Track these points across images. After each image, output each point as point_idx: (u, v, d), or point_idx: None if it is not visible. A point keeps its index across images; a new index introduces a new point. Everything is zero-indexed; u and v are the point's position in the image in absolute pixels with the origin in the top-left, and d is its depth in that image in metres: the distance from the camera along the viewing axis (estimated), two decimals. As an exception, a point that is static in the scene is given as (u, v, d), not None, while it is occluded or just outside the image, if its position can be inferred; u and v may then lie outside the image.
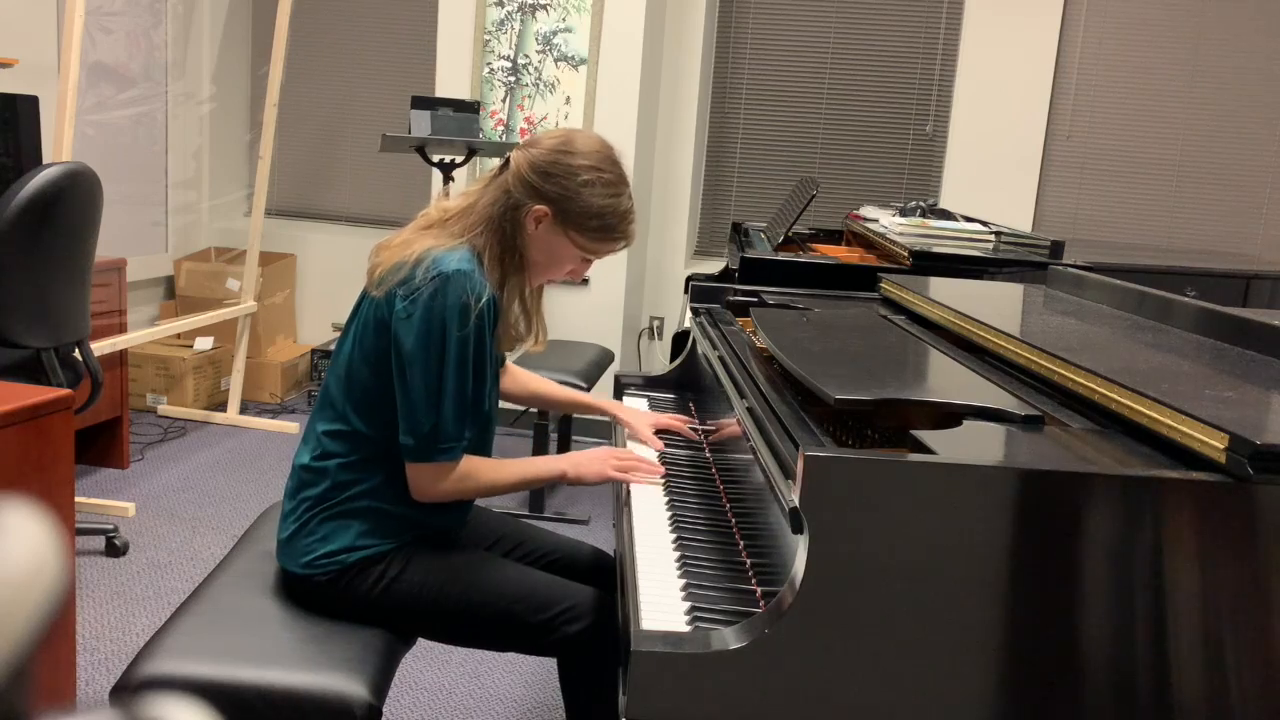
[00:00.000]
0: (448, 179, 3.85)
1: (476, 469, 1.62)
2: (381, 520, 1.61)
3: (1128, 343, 1.58)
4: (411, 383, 1.53)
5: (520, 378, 2.02)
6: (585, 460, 1.71)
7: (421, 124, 3.76)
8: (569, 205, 1.60)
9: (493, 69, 4.40)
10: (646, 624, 1.22)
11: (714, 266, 4.42)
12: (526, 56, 4.36)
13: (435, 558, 1.62)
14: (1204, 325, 1.68)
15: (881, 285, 2.27)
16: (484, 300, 1.54)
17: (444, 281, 1.51)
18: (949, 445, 1.16)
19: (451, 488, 1.60)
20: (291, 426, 4.39)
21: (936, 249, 2.76)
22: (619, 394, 2.28)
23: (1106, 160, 4.46)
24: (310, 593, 1.62)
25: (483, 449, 1.71)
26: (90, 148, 4.13)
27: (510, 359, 2.01)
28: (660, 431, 1.95)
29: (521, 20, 4.35)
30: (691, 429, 1.98)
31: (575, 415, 4.33)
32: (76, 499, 3.29)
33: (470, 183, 1.70)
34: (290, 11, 4.37)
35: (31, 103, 3.30)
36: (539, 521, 3.56)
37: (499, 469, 1.65)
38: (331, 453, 1.62)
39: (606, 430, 4.52)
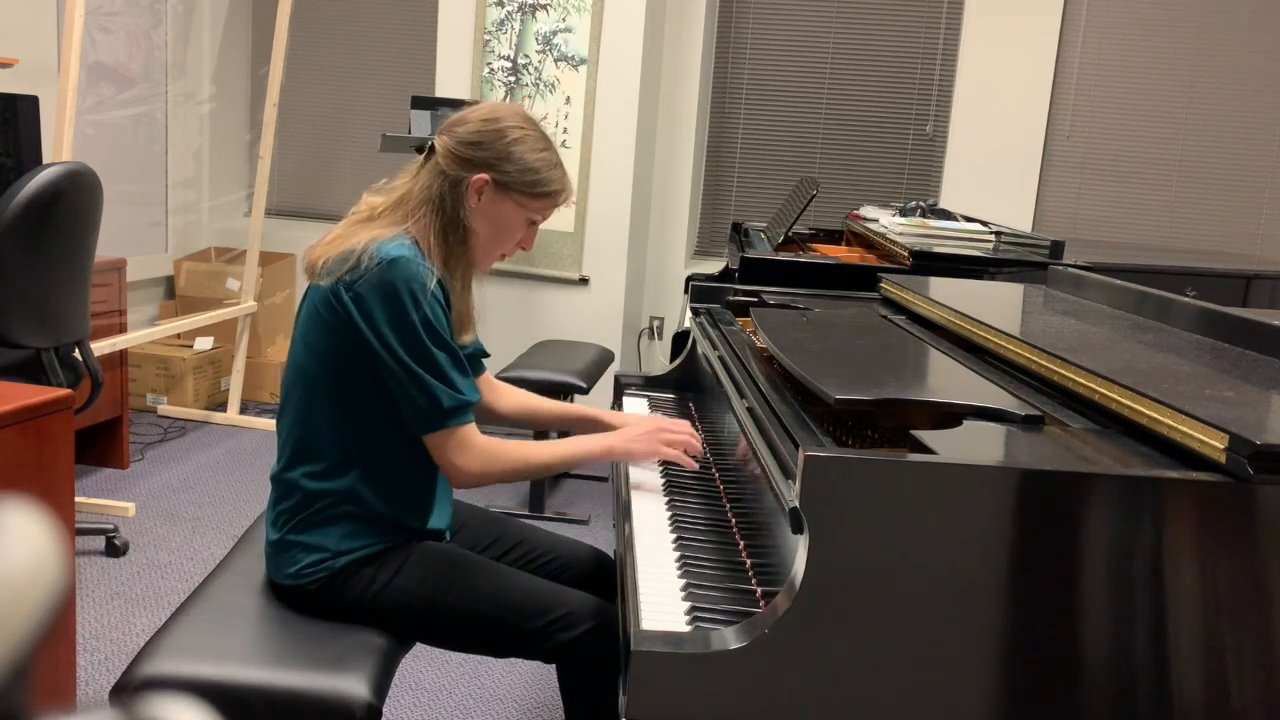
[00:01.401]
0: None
1: (507, 445, 1.62)
2: (361, 524, 1.60)
3: (1128, 343, 1.58)
4: (393, 364, 1.52)
5: (510, 395, 1.95)
6: (635, 437, 1.69)
7: (421, 124, 3.76)
8: (506, 166, 1.61)
9: (493, 69, 4.41)
10: (646, 624, 1.22)
11: (714, 266, 4.42)
12: (526, 56, 4.37)
13: (427, 563, 1.61)
14: (1204, 325, 1.68)
15: (881, 285, 2.27)
16: (433, 282, 1.55)
17: (389, 265, 1.51)
18: (949, 445, 1.16)
19: (482, 462, 1.58)
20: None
21: (936, 249, 2.76)
22: (619, 394, 2.28)
23: (1106, 160, 4.47)
24: (303, 602, 1.61)
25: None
26: (90, 148, 4.13)
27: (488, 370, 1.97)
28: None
29: (521, 20, 4.35)
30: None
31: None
32: (76, 499, 3.29)
33: (397, 176, 1.69)
34: (290, 11, 4.37)
35: (31, 103, 3.30)
36: (539, 521, 3.56)
37: (536, 447, 1.65)
38: (297, 463, 1.60)
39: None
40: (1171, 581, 1.10)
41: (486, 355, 1.88)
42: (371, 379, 1.56)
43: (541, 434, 3.66)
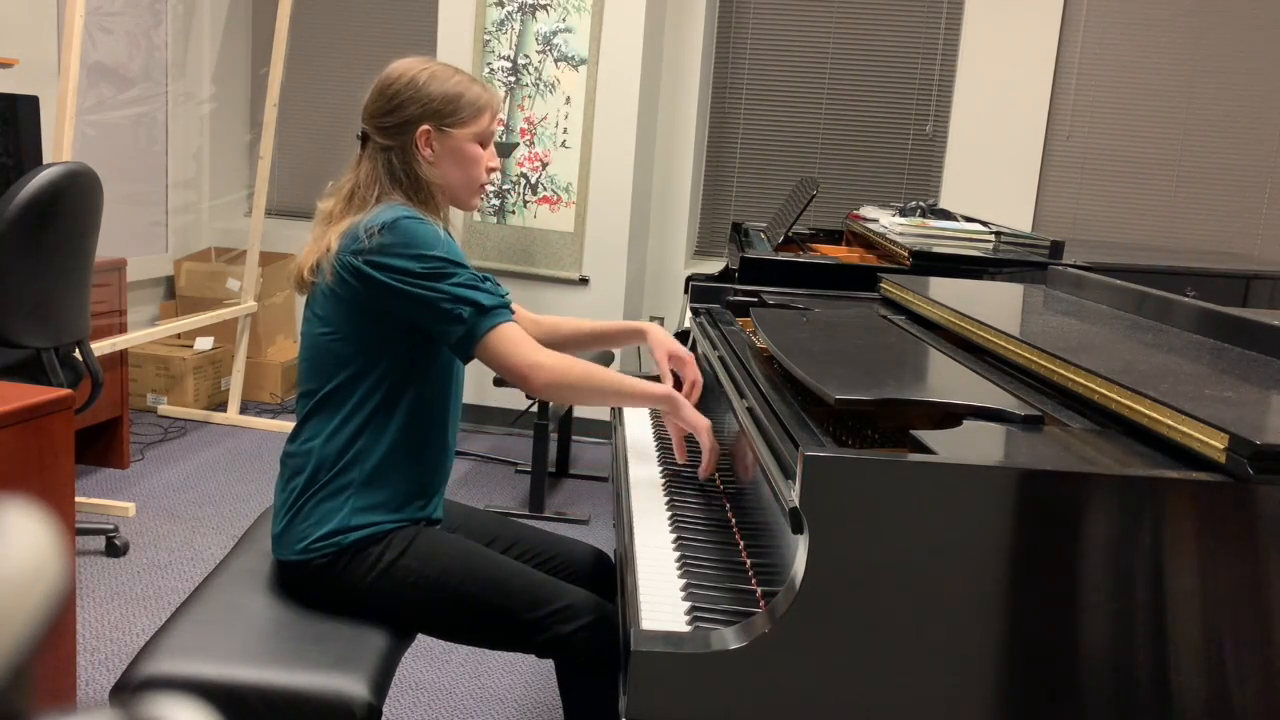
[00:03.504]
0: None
1: (574, 359, 1.62)
2: (372, 493, 1.62)
3: (1128, 343, 1.58)
4: (425, 293, 1.54)
5: (545, 324, 1.97)
6: (689, 405, 1.68)
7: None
8: (432, 106, 1.66)
9: (493, 69, 4.40)
10: (646, 624, 1.22)
11: (714, 266, 4.42)
12: (526, 56, 4.36)
13: (433, 547, 1.62)
14: (1204, 325, 1.68)
15: (881, 285, 2.27)
16: (441, 232, 1.61)
17: (391, 224, 1.56)
18: (949, 445, 1.16)
19: (547, 356, 1.57)
20: (291, 427, 4.40)
21: (936, 249, 2.76)
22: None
23: (1106, 160, 4.46)
24: (308, 581, 1.61)
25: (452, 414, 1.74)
26: (90, 148, 4.13)
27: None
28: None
29: (521, 20, 4.35)
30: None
31: (608, 349, 4.31)
32: (76, 499, 3.29)
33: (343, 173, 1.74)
34: (290, 11, 4.37)
35: (31, 103, 3.30)
36: (538, 521, 3.56)
37: (601, 369, 1.65)
38: (312, 434, 1.63)
39: (606, 430, 4.51)
40: (1171, 582, 1.10)
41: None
42: (384, 346, 1.60)
43: (543, 415, 3.66)
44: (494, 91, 1.73)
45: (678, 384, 1.85)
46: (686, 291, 2.60)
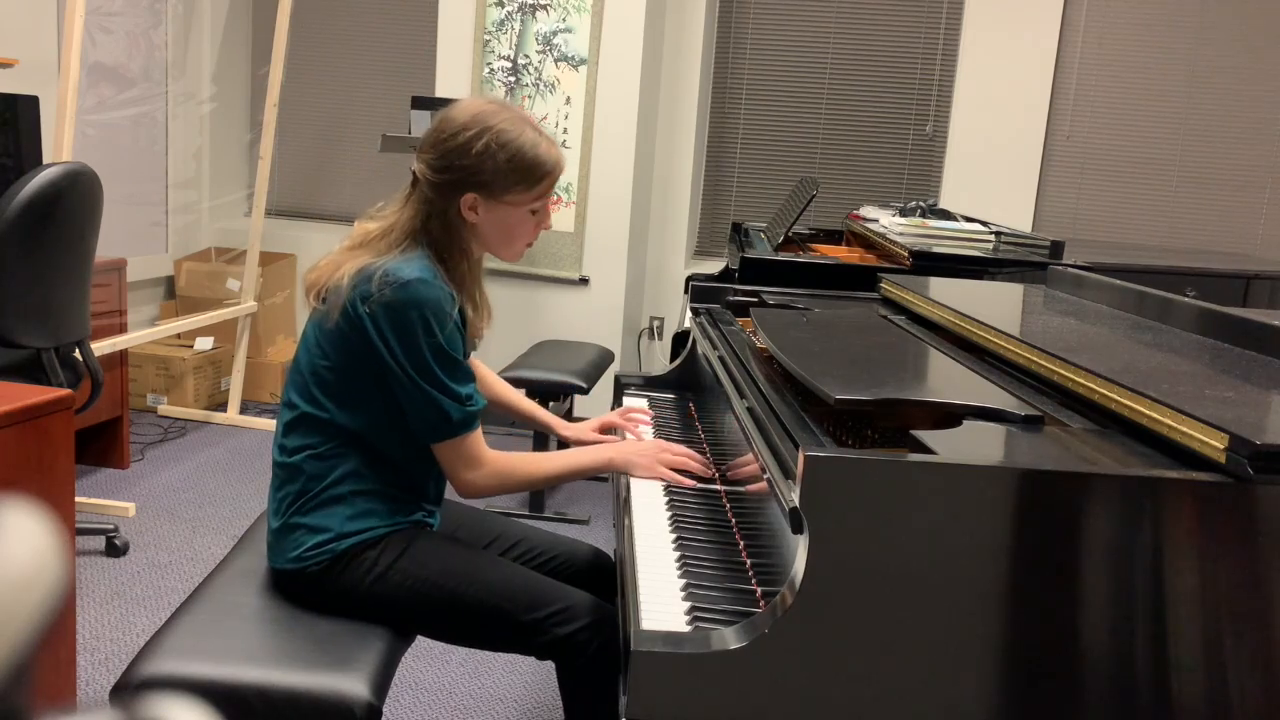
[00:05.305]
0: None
1: (514, 461, 1.68)
2: (365, 502, 1.61)
3: (1128, 343, 1.58)
4: (402, 377, 1.55)
5: (491, 384, 2.00)
6: (636, 451, 1.74)
7: (421, 124, 3.76)
8: (484, 177, 1.59)
9: (493, 69, 4.40)
10: (646, 624, 1.22)
11: (714, 266, 4.42)
12: (526, 56, 4.36)
13: (430, 551, 1.62)
14: (1204, 325, 1.68)
15: (881, 285, 2.27)
16: (453, 307, 1.57)
17: (402, 287, 1.52)
18: (949, 445, 1.16)
19: (489, 478, 1.64)
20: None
21: (936, 249, 2.76)
22: (619, 394, 2.28)
23: (1106, 160, 4.46)
24: (304, 588, 1.61)
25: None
26: (90, 148, 4.13)
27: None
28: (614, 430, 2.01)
29: (521, 20, 4.35)
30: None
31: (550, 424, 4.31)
32: (76, 499, 3.29)
33: (388, 203, 1.69)
34: (290, 11, 4.37)
35: (31, 103, 3.30)
36: (539, 521, 3.56)
37: (540, 461, 1.71)
38: (300, 446, 1.62)
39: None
40: (1171, 581, 1.10)
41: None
42: (377, 381, 1.59)
43: (539, 437, 3.66)
44: (559, 155, 1.64)
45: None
46: (686, 291, 2.60)
